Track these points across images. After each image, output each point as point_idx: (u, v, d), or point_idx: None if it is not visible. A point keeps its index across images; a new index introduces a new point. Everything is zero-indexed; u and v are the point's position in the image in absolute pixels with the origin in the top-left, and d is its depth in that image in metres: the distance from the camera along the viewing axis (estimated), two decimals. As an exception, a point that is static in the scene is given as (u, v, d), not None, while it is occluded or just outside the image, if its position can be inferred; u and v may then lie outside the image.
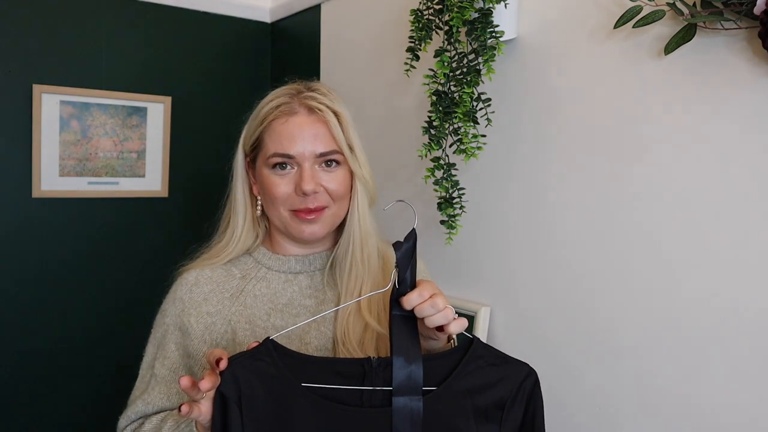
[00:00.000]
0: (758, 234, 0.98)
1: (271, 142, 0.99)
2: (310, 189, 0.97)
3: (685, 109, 1.06)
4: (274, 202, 1.00)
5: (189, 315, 1.01)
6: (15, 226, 1.89)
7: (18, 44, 1.85)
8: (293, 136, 0.98)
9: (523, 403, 0.84)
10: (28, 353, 1.93)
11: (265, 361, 0.80)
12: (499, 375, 0.85)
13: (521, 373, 0.85)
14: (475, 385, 0.83)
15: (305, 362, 0.83)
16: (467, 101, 1.24)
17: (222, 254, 1.05)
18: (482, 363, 0.85)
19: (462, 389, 0.83)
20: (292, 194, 0.99)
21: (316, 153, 0.98)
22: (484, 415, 0.83)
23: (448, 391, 0.82)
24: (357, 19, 1.85)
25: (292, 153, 0.98)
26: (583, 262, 1.23)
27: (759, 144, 0.97)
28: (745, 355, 0.99)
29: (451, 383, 0.83)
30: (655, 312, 1.11)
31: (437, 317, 0.82)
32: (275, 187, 0.99)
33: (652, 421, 1.11)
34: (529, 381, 0.85)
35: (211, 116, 2.17)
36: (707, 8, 0.97)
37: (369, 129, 1.78)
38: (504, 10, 1.27)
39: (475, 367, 0.85)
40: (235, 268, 1.05)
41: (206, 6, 2.16)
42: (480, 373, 0.84)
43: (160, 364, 1.01)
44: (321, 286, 1.05)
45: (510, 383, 0.84)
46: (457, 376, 0.83)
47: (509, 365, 0.86)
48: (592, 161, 1.21)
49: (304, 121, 0.99)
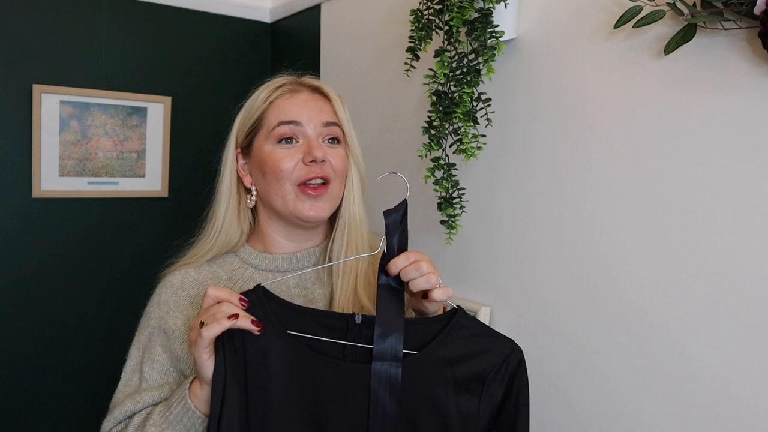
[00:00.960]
0: (758, 233, 0.98)
1: (275, 115, 1.00)
2: (320, 155, 0.97)
3: (685, 109, 1.06)
4: (278, 176, 0.98)
5: (175, 318, 0.99)
6: (15, 226, 1.89)
7: (18, 44, 1.85)
8: (299, 106, 1.00)
9: (504, 381, 0.83)
10: (28, 353, 1.93)
11: (255, 306, 0.83)
12: (482, 347, 0.84)
13: (505, 349, 0.84)
14: (456, 354, 0.83)
15: (292, 310, 0.85)
16: (467, 101, 1.24)
17: (203, 250, 1.03)
18: (465, 333, 0.84)
19: (442, 356, 0.82)
20: (299, 165, 0.98)
21: (322, 121, 1.00)
22: (465, 386, 0.82)
23: (428, 357, 0.82)
24: (357, 19, 1.85)
25: (300, 119, 0.99)
26: (583, 261, 1.23)
27: (759, 144, 0.97)
28: (745, 358, 0.99)
29: (431, 350, 0.82)
30: (655, 312, 1.11)
31: (420, 280, 0.83)
32: (281, 160, 0.98)
33: (662, 418, 1.11)
34: (513, 358, 0.84)
35: (211, 116, 2.17)
36: (707, 8, 0.97)
37: (369, 129, 1.78)
38: (504, 10, 1.27)
39: (457, 337, 0.84)
40: (220, 269, 1.03)
41: (206, 6, 2.16)
42: (462, 342, 0.84)
43: (149, 367, 0.99)
44: (309, 284, 1.04)
45: (493, 357, 0.83)
46: (438, 343, 0.83)
47: (494, 339, 0.86)
48: (592, 161, 1.21)
49: (308, 98, 1.02)
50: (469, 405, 0.82)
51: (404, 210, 0.85)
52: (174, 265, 1.05)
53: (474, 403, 0.82)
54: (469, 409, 0.82)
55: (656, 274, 1.11)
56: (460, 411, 0.81)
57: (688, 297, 1.07)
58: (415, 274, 0.83)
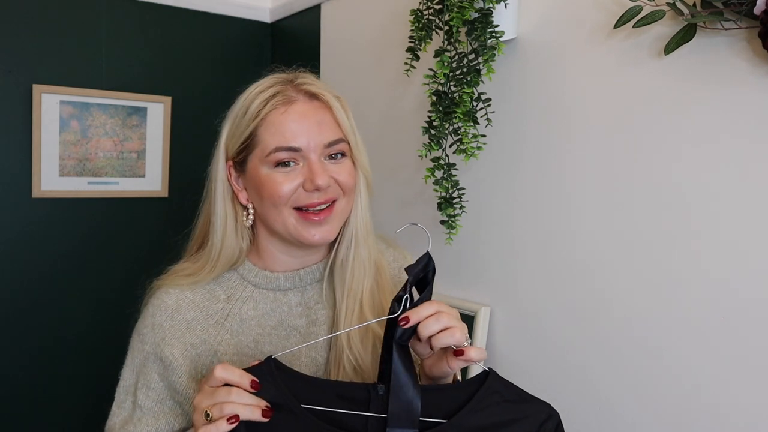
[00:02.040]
0: (758, 233, 0.98)
1: (271, 136, 0.88)
2: (324, 183, 0.87)
3: (685, 109, 1.06)
4: (276, 203, 0.88)
5: (172, 346, 0.91)
6: (15, 226, 1.89)
7: (18, 44, 1.85)
8: (296, 126, 0.87)
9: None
10: (28, 353, 1.93)
11: (267, 381, 0.76)
12: (518, 414, 0.76)
13: (541, 414, 0.77)
14: (490, 422, 0.75)
15: (306, 382, 0.79)
16: (467, 101, 1.24)
17: (202, 273, 0.94)
18: (498, 398, 0.77)
19: (475, 425, 0.75)
20: (300, 190, 0.88)
21: (324, 143, 0.88)
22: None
23: (459, 426, 0.75)
24: (357, 19, 1.85)
25: (297, 145, 0.87)
26: (583, 262, 1.23)
27: (759, 144, 0.97)
28: (760, 355, 0.99)
29: (462, 417, 0.75)
30: (654, 312, 1.11)
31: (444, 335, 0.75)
32: (279, 185, 0.87)
33: (657, 421, 1.11)
34: (550, 424, 0.77)
35: (211, 116, 2.15)
36: (707, 8, 0.97)
37: (369, 129, 1.77)
38: (504, 10, 1.27)
39: (489, 403, 0.77)
40: (218, 287, 0.96)
41: (206, 6, 2.16)
42: (496, 409, 0.76)
43: (144, 395, 0.92)
44: (312, 303, 0.98)
45: (529, 425, 0.76)
46: (470, 410, 0.76)
47: (528, 404, 0.78)
48: (592, 161, 1.21)
49: (305, 109, 0.89)
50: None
51: (426, 263, 0.78)
52: (166, 276, 0.97)
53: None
54: None
55: (656, 273, 1.11)
56: None
57: (691, 297, 1.07)
58: (437, 326, 0.74)
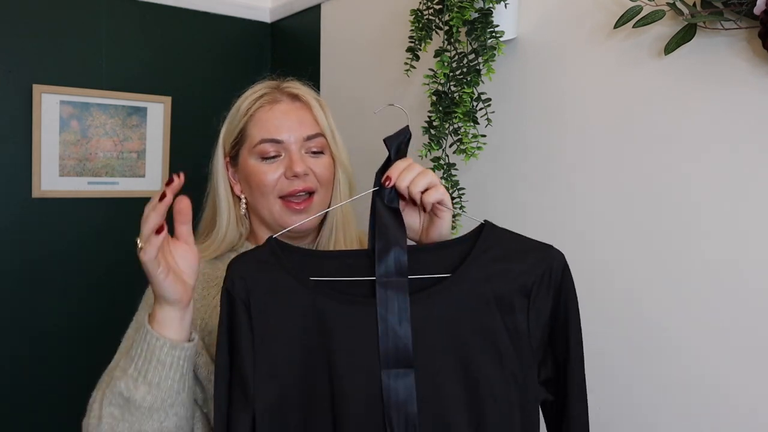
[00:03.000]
0: (759, 233, 0.98)
1: (257, 130, 1.02)
2: (301, 170, 0.99)
3: (685, 109, 1.06)
4: (263, 191, 1.01)
5: None
6: (15, 226, 1.89)
7: (18, 44, 1.85)
8: (279, 122, 1.01)
9: (551, 291, 0.75)
10: (28, 353, 1.93)
11: (270, 260, 0.77)
12: (520, 258, 0.76)
13: (546, 256, 0.76)
14: (494, 270, 0.75)
15: (314, 256, 0.80)
16: (467, 101, 1.24)
17: (208, 250, 1.05)
18: (498, 247, 0.77)
19: (478, 275, 0.74)
20: (282, 179, 1.00)
21: (303, 136, 1.01)
22: (509, 304, 0.74)
23: (463, 278, 0.74)
24: (357, 19, 1.85)
25: (280, 137, 1.00)
26: (583, 262, 1.23)
27: (759, 144, 0.97)
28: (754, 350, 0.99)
29: (465, 270, 0.75)
30: (653, 312, 1.11)
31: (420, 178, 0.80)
32: (264, 174, 1.00)
33: (650, 420, 1.11)
34: (557, 265, 0.76)
35: (211, 116, 2.15)
36: (707, 8, 0.97)
37: (369, 129, 1.77)
38: (504, 10, 1.27)
39: (490, 251, 0.76)
40: (220, 262, 1.06)
41: (206, 6, 2.16)
42: (498, 256, 0.76)
43: None
44: None
45: (534, 267, 0.75)
46: (471, 261, 0.75)
47: (531, 247, 0.77)
48: (592, 161, 1.21)
49: (288, 108, 1.03)
50: (517, 323, 0.74)
51: (405, 135, 0.82)
52: None
53: (522, 321, 0.74)
54: (518, 327, 0.74)
55: (658, 273, 1.11)
56: (509, 331, 0.74)
57: (693, 298, 1.07)
58: (411, 174, 0.80)
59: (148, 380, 0.79)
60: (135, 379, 0.80)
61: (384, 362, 0.73)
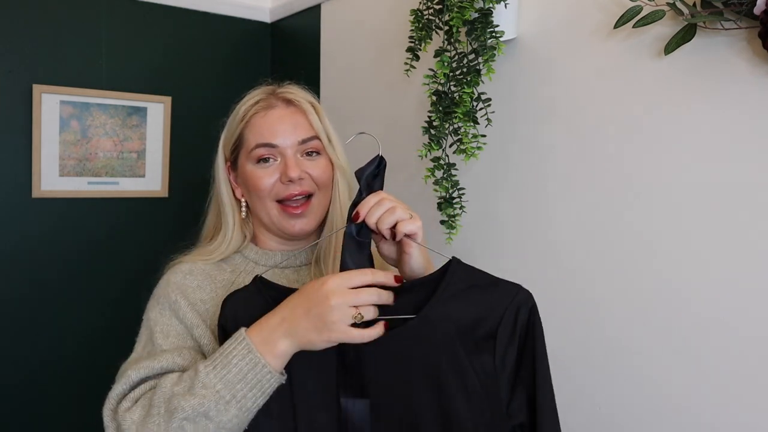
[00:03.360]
0: (759, 234, 0.98)
1: (253, 136, 1.03)
2: (295, 175, 1.00)
3: (685, 109, 1.06)
4: (260, 195, 1.02)
5: (184, 297, 1.01)
6: (15, 226, 1.89)
7: (18, 44, 1.85)
8: (274, 127, 1.02)
9: (516, 333, 0.75)
10: (28, 353, 1.93)
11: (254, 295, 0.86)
12: (486, 298, 0.76)
13: (512, 297, 0.75)
14: (459, 311, 0.75)
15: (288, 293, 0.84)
16: (467, 101, 1.24)
17: (214, 253, 1.07)
18: (463, 285, 0.77)
19: (442, 315, 0.75)
20: (278, 183, 1.01)
21: (297, 140, 1.02)
22: (475, 344, 0.74)
23: (427, 319, 0.75)
24: (357, 19, 1.85)
25: (275, 142, 1.01)
26: (583, 262, 1.23)
27: (759, 143, 0.97)
28: (744, 358, 0.99)
29: (429, 310, 0.75)
30: (653, 313, 1.11)
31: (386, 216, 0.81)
32: (260, 179, 1.02)
33: (648, 422, 1.11)
34: (523, 306, 0.76)
35: (211, 116, 2.15)
36: (707, 8, 0.97)
37: (369, 129, 1.77)
38: (504, 10, 1.27)
39: (456, 290, 0.76)
40: (225, 264, 1.08)
41: (206, 6, 2.16)
42: (462, 296, 0.76)
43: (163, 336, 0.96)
44: (306, 280, 1.07)
45: (499, 308, 0.75)
46: (436, 301, 0.76)
47: (497, 287, 0.77)
48: (591, 161, 1.21)
49: (282, 113, 1.04)
50: (483, 364, 0.74)
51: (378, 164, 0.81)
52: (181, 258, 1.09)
53: (489, 362, 0.74)
54: (485, 368, 0.74)
55: (656, 275, 1.11)
56: (476, 371, 0.75)
57: (687, 298, 1.07)
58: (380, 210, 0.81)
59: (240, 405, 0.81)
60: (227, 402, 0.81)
61: (342, 389, 0.79)
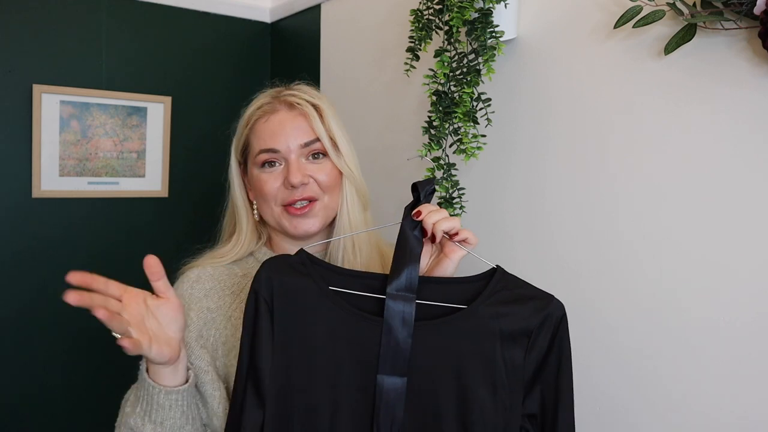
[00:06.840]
0: (759, 234, 0.98)
1: (256, 141, 1.04)
2: (297, 181, 1.00)
3: (685, 109, 1.06)
4: (266, 199, 1.03)
5: (189, 310, 1.02)
6: (15, 226, 1.89)
7: (18, 44, 1.85)
8: (275, 132, 1.03)
9: (548, 334, 0.85)
10: (28, 354, 1.93)
11: (299, 268, 0.86)
12: (526, 303, 0.86)
13: (548, 304, 0.86)
14: (503, 310, 0.85)
15: (336, 272, 0.88)
16: (467, 101, 1.24)
17: (227, 255, 1.08)
18: (507, 290, 0.87)
19: (490, 311, 0.84)
20: (281, 188, 1.02)
21: (300, 144, 1.02)
22: (512, 339, 0.84)
23: (477, 312, 0.84)
24: (357, 19, 1.85)
25: (277, 147, 1.02)
26: (583, 262, 1.23)
27: (759, 144, 0.97)
28: (744, 356, 0.99)
29: (479, 304, 0.85)
30: (654, 312, 1.11)
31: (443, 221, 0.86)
32: (265, 184, 1.03)
33: (653, 420, 1.11)
34: (556, 313, 0.86)
35: (211, 116, 2.17)
36: (707, 8, 0.97)
37: (369, 129, 1.78)
38: (504, 10, 1.27)
39: (501, 292, 0.86)
40: (236, 267, 1.09)
41: (206, 6, 2.16)
42: (507, 298, 0.86)
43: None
44: None
45: (537, 312, 0.85)
46: (485, 298, 0.85)
47: (535, 295, 0.87)
48: (592, 161, 1.21)
49: (284, 117, 1.04)
50: (515, 356, 0.84)
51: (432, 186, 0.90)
52: (193, 263, 1.10)
53: (520, 355, 0.84)
54: (516, 360, 0.84)
55: (656, 274, 1.11)
56: (506, 362, 0.84)
57: (687, 298, 1.07)
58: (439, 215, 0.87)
59: (153, 419, 0.87)
60: (142, 418, 0.88)
61: (381, 366, 0.82)
